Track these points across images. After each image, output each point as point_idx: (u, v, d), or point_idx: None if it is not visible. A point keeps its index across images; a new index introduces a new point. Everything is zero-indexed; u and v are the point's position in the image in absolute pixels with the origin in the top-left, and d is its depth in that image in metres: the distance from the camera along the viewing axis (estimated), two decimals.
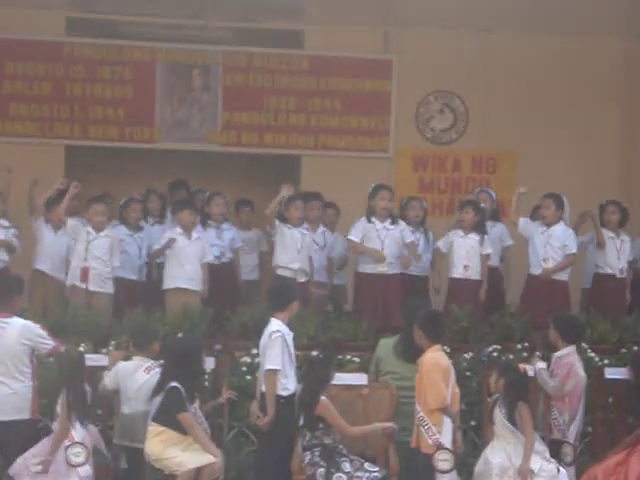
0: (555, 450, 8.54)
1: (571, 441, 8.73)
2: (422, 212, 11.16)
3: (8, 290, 8.49)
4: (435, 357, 8.23)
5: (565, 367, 8.84)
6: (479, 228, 10.68)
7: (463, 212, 10.71)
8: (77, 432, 8.03)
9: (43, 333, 8.33)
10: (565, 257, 10.56)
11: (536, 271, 10.60)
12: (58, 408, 8.13)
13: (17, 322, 8.31)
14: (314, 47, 12.82)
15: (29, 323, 8.34)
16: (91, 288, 10.15)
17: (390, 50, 12.90)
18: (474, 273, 10.57)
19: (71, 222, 10.49)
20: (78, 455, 7.95)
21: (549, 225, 10.64)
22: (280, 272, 10.34)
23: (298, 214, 10.47)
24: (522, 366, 8.69)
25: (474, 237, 10.62)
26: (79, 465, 7.94)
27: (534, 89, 12.86)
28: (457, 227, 10.75)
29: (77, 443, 7.96)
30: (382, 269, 10.37)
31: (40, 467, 7.94)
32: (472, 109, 13.09)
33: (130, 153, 12.74)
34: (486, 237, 10.69)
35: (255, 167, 13.12)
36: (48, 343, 8.32)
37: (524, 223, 10.73)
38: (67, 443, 7.98)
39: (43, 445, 8.09)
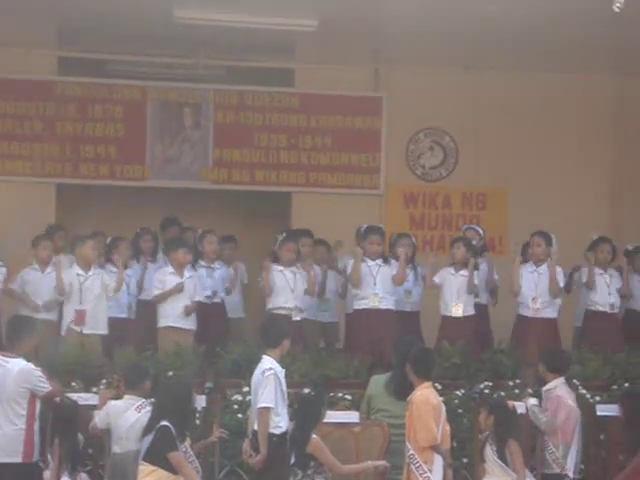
0: None
1: (570, 474, 8.71)
2: (411, 249, 11.18)
3: (18, 331, 8.46)
4: (425, 394, 8.21)
5: (554, 400, 8.85)
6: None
7: (454, 248, 10.74)
8: None
9: (42, 377, 8.30)
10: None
11: (525, 312, 10.63)
12: (49, 457, 8.08)
13: (17, 363, 8.26)
14: (305, 85, 12.89)
15: (29, 365, 8.29)
16: (86, 331, 10.14)
17: (380, 88, 12.97)
18: (465, 310, 10.58)
19: (59, 258, 10.51)
20: None
21: (539, 263, 10.66)
22: (276, 312, 10.34)
23: (290, 255, 10.50)
24: (511, 403, 8.68)
25: (464, 274, 10.63)
26: None
27: (524, 126, 12.93)
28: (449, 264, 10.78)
29: None
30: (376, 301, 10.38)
31: None
32: (462, 146, 13.15)
33: (121, 191, 12.75)
34: (475, 272, 10.69)
35: (246, 204, 13.13)
36: (45, 387, 8.28)
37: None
38: None
39: None
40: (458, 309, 10.55)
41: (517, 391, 9.62)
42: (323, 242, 11.62)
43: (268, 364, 8.39)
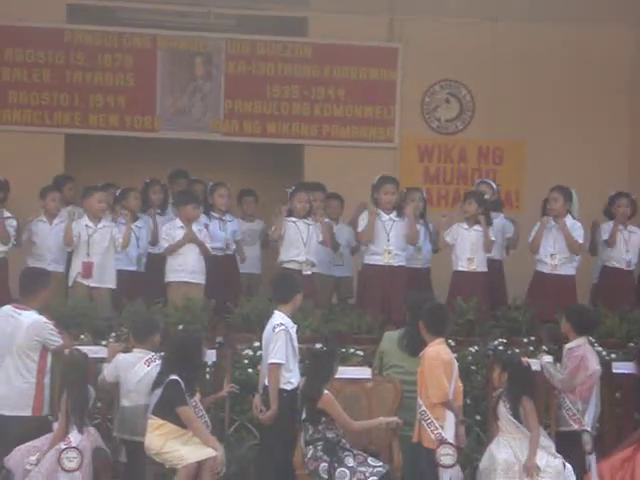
0: (573, 441, 8.48)
1: (588, 428, 8.61)
2: (422, 203, 11.05)
3: (34, 283, 8.47)
4: (437, 350, 8.15)
5: (576, 359, 8.72)
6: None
7: (466, 204, 10.62)
8: (74, 437, 7.95)
9: (54, 330, 8.29)
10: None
11: (543, 268, 10.52)
12: (61, 407, 8.04)
13: (29, 316, 8.28)
14: (318, 35, 12.73)
15: (40, 318, 8.30)
16: (93, 284, 10.07)
17: (395, 38, 12.80)
18: (478, 266, 10.48)
19: (68, 209, 10.41)
20: (72, 460, 7.87)
21: (558, 218, 10.52)
22: (286, 266, 10.23)
23: (302, 206, 10.37)
24: (525, 360, 8.60)
25: (478, 229, 10.52)
26: (71, 470, 7.87)
27: (542, 78, 12.77)
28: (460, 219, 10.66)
29: (72, 448, 7.88)
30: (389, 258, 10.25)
31: (35, 461, 7.87)
32: (478, 99, 12.99)
33: (131, 142, 12.64)
34: (490, 228, 10.56)
35: (257, 157, 13.01)
36: (57, 340, 8.28)
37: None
38: (63, 446, 7.90)
39: (41, 442, 8.04)
40: (472, 263, 10.41)
41: (532, 348, 9.58)
42: (336, 196, 11.50)
43: (279, 319, 8.34)
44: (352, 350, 9.36)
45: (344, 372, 8.55)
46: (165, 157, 12.55)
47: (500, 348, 9.49)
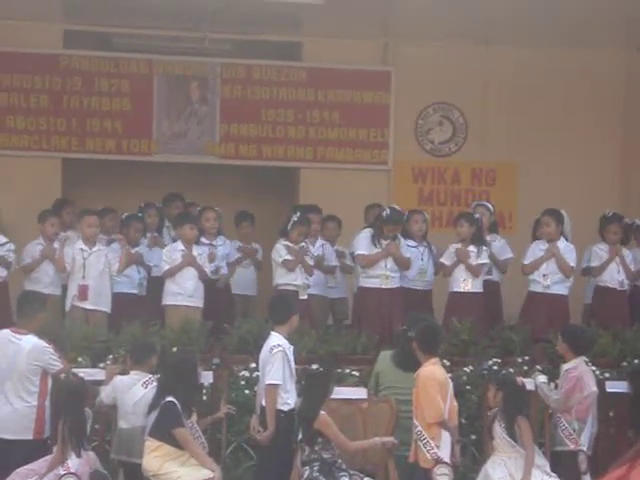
0: (569, 460, 8.53)
1: (584, 449, 8.65)
2: (424, 225, 11.08)
3: (31, 307, 8.49)
4: (431, 370, 8.19)
5: (572, 380, 8.75)
6: (476, 240, 10.61)
7: (458, 225, 10.66)
8: (72, 462, 7.94)
9: (54, 354, 8.33)
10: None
11: (536, 288, 10.56)
12: (59, 431, 8.06)
13: (29, 341, 8.29)
14: (312, 59, 12.79)
15: (40, 343, 8.32)
16: (89, 307, 10.10)
17: (389, 62, 12.88)
18: (474, 286, 10.52)
19: (67, 234, 10.46)
20: None
21: (551, 242, 10.58)
22: (282, 289, 10.29)
23: (300, 238, 10.42)
24: (520, 379, 8.64)
25: (472, 249, 10.56)
26: None
27: (533, 101, 12.86)
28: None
29: (71, 474, 7.88)
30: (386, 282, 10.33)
31: None
32: (471, 121, 13.07)
33: (127, 166, 12.69)
34: (484, 248, 10.61)
35: (253, 179, 13.06)
36: (57, 364, 8.30)
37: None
38: (62, 472, 7.90)
39: (39, 465, 8.03)
40: (467, 285, 10.47)
41: (526, 368, 9.59)
42: (333, 218, 11.55)
43: (276, 340, 8.37)
44: (348, 371, 9.37)
45: (340, 392, 8.58)
46: (162, 180, 12.59)
47: (494, 368, 9.51)
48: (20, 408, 8.20)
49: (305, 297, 10.33)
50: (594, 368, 9.43)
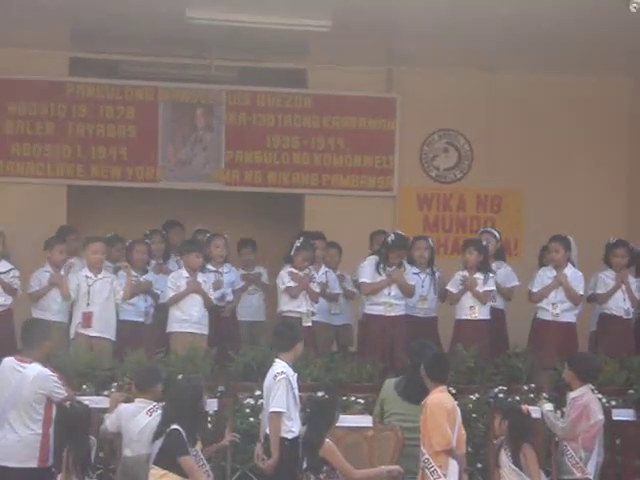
0: None
1: (591, 478, 8.61)
2: (428, 252, 11.02)
3: (37, 335, 8.48)
4: (440, 398, 8.16)
5: (579, 408, 8.70)
6: (483, 267, 10.60)
7: (466, 253, 10.64)
8: None
9: (58, 382, 8.30)
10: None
11: (544, 316, 10.54)
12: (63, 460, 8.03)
13: (34, 369, 8.26)
14: (318, 86, 12.82)
15: (45, 371, 8.29)
16: (93, 334, 10.08)
17: (394, 89, 12.89)
18: (480, 314, 10.50)
19: (72, 261, 10.45)
20: None
21: (558, 268, 10.57)
22: (286, 315, 10.30)
23: (304, 264, 10.44)
24: (525, 407, 8.62)
25: (479, 277, 10.55)
26: None
27: (539, 127, 12.86)
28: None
29: None
30: (390, 309, 10.31)
31: None
32: (476, 147, 13.07)
33: (133, 193, 12.71)
34: (490, 275, 10.60)
35: (258, 206, 13.07)
36: (61, 392, 8.28)
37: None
38: None
39: None
40: (474, 312, 10.45)
41: (532, 395, 9.55)
42: (334, 244, 11.55)
43: (280, 368, 8.34)
44: (353, 398, 9.35)
45: (345, 420, 8.55)
46: (167, 207, 12.59)
47: (500, 396, 9.48)
48: (25, 436, 8.17)
49: (309, 324, 10.31)
50: (600, 396, 9.40)
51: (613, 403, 9.52)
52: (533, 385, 9.74)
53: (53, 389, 8.25)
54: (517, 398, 9.46)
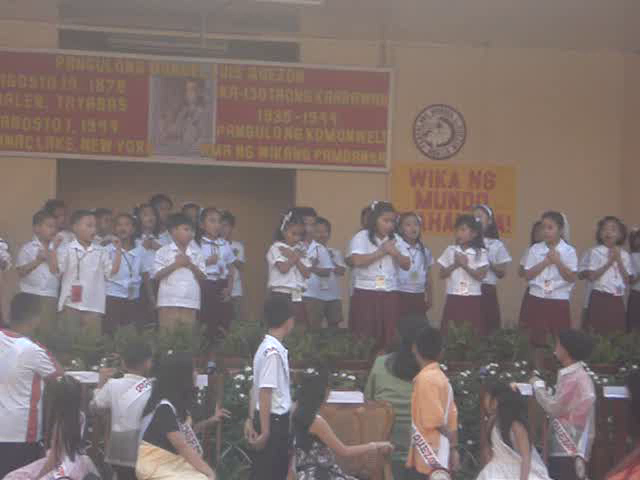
0: (566, 466, 8.46)
1: (582, 455, 8.59)
2: (417, 227, 11.04)
3: (26, 310, 8.44)
4: (431, 375, 8.14)
5: (569, 386, 8.68)
6: (476, 243, 10.57)
7: (459, 229, 10.61)
8: (67, 465, 7.86)
9: (46, 358, 8.24)
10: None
11: (537, 293, 10.53)
12: (53, 434, 7.98)
13: (22, 343, 8.22)
14: (310, 60, 12.75)
15: (33, 346, 8.23)
16: (83, 308, 10.04)
17: (387, 63, 12.82)
18: (471, 290, 10.47)
19: (59, 235, 10.38)
20: None
21: (551, 244, 10.54)
22: (277, 291, 10.26)
23: (295, 237, 10.40)
24: (514, 385, 8.60)
25: (471, 252, 10.52)
26: None
27: (533, 103, 12.83)
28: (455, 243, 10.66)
29: (65, 478, 7.81)
30: (381, 283, 10.26)
31: None
32: (470, 123, 13.02)
33: (123, 167, 12.63)
34: (483, 250, 10.57)
35: (249, 181, 13.00)
36: (49, 368, 8.22)
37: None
38: (56, 476, 7.82)
39: (32, 469, 7.95)
40: (465, 288, 10.41)
41: (523, 372, 9.54)
42: (322, 220, 11.52)
43: (270, 344, 8.30)
44: (344, 375, 9.32)
45: (336, 397, 8.51)
46: (157, 182, 12.54)
47: (492, 372, 9.47)
48: (12, 411, 8.13)
49: (299, 300, 10.26)
50: (592, 373, 9.39)
51: (605, 380, 9.50)
52: (524, 362, 9.72)
53: (41, 364, 8.20)
54: (508, 375, 9.45)
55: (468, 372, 9.48)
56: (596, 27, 11.85)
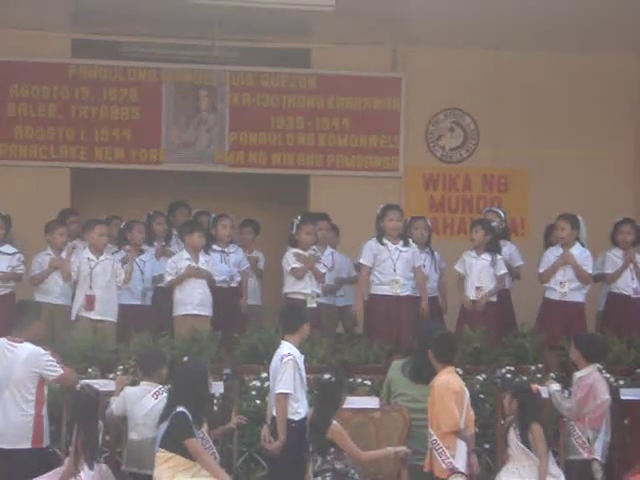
0: (583, 469, 8.46)
1: (598, 457, 8.57)
2: (427, 231, 11.04)
3: (27, 316, 8.47)
4: (447, 379, 8.13)
5: (585, 388, 8.68)
6: (491, 248, 10.55)
7: (473, 232, 10.61)
8: (85, 474, 7.90)
9: (52, 360, 8.26)
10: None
11: (553, 295, 10.49)
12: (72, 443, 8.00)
13: (25, 348, 8.25)
14: (321, 66, 12.75)
15: (37, 349, 8.26)
16: (96, 317, 10.07)
17: (399, 68, 12.83)
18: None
19: (72, 244, 10.42)
20: None
21: (565, 246, 10.52)
22: (291, 297, 10.24)
23: (309, 238, 10.37)
24: (535, 387, 8.59)
25: (486, 257, 10.51)
26: None
27: (546, 106, 12.80)
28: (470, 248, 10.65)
29: None
30: (396, 287, 10.26)
31: None
32: (483, 127, 13.01)
33: (136, 175, 12.65)
34: (499, 257, 10.56)
35: (263, 188, 13.01)
36: (56, 370, 8.23)
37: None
38: None
39: (50, 477, 7.98)
40: (481, 292, 10.40)
41: (539, 375, 9.53)
42: (332, 226, 11.46)
43: (287, 349, 8.31)
44: (360, 380, 9.32)
45: (352, 402, 8.51)
46: (170, 189, 12.56)
47: (508, 376, 9.45)
48: (17, 417, 8.16)
49: (314, 305, 10.26)
50: (608, 375, 9.37)
51: (621, 383, 9.48)
52: (540, 365, 9.72)
53: (46, 367, 8.21)
54: (524, 378, 9.44)
55: (484, 376, 9.48)
56: (610, 30, 11.83)
